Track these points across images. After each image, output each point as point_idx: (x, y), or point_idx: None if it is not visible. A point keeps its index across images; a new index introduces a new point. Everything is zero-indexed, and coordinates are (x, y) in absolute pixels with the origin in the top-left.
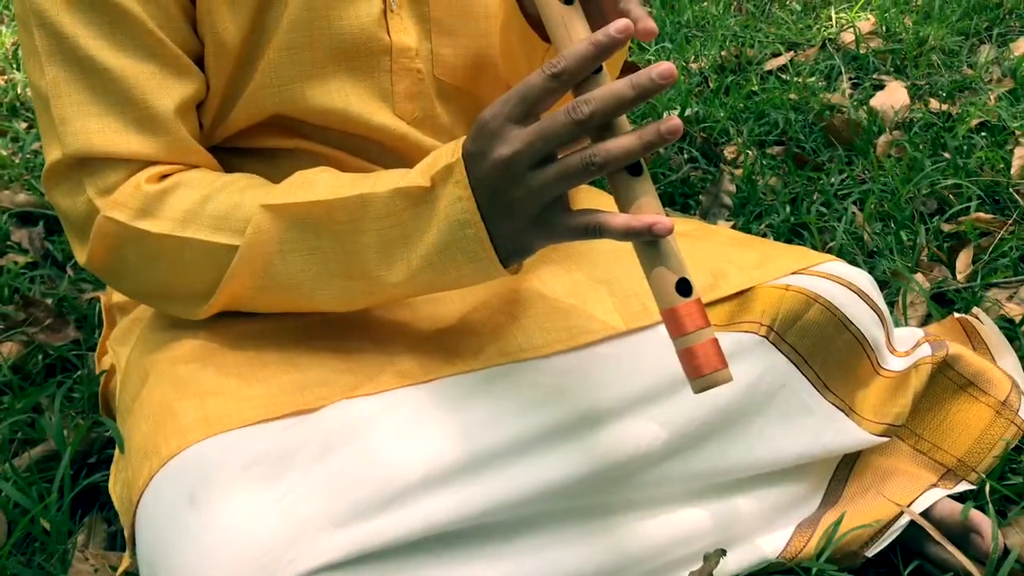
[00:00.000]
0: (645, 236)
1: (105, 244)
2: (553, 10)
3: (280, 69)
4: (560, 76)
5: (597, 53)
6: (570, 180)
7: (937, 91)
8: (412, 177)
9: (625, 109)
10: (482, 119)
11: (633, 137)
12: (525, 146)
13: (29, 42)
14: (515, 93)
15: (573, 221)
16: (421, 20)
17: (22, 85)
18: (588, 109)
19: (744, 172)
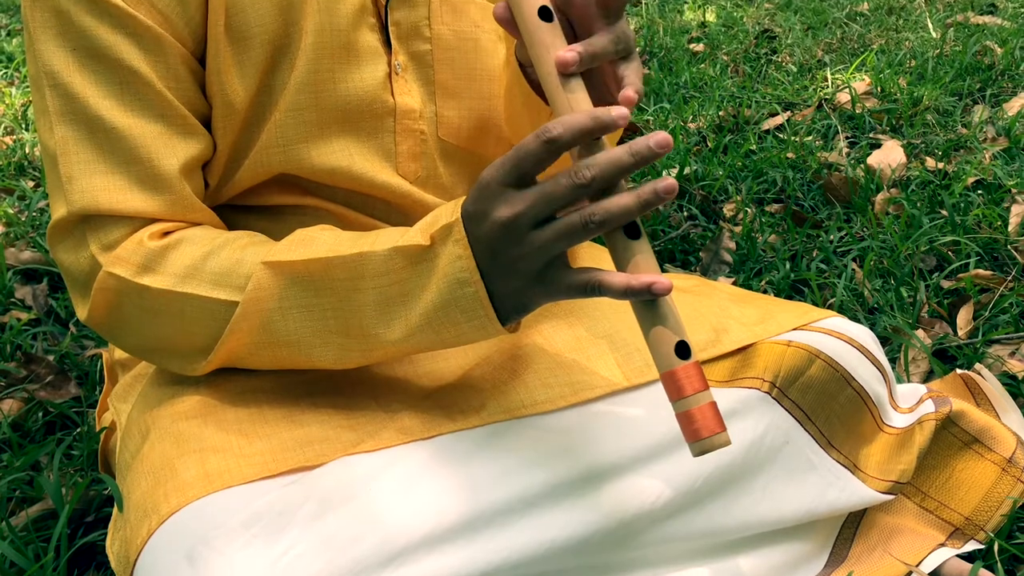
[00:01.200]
0: (644, 295)
1: (106, 299)
2: (552, 79)
3: (286, 130)
4: (555, 143)
5: (595, 128)
6: (570, 239)
7: (933, 150)
8: (411, 236)
9: (624, 175)
10: (482, 180)
11: (631, 196)
12: (527, 207)
13: (41, 102)
14: (511, 157)
15: (573, 279)
16: (426, 83)
17: (30, 145)
18: (589, 174)
19: (743, 229)
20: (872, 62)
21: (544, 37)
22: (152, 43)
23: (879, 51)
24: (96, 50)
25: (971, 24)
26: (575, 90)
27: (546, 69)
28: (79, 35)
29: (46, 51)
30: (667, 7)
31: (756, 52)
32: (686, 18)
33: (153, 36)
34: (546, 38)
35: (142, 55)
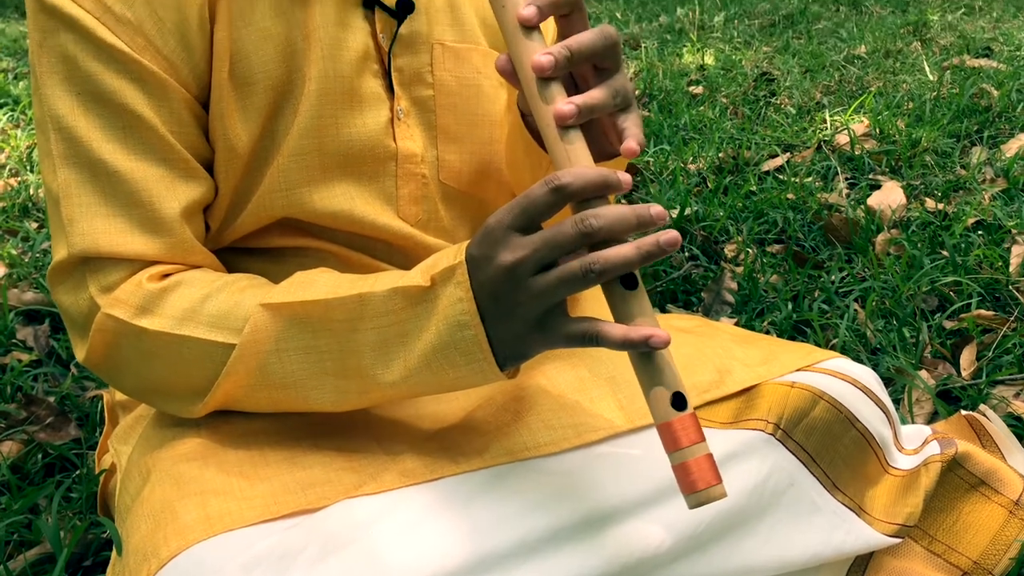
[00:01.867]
0: (642, 347)
1: (104, 341)
2: (551, 130)
3: (289, 174)
4: (562, 191)
5: (600, 183)
6: (569, 287)
7: (932, 191)
8: (411, 277)
9: (628, 232)
10: (488, 226)
11: (631, 248)
12: (530, 253)
13: (45, 145)
14: (518, 203)
15: (571, 328)
16: (427, 128)
17: (34, 186)
18: (596, 224)
19: (745, 270)
20: (870, 104)
21: (544, 89)
22: (156, 88)
23: (877, 93)
24: (101, 94)
25: (967, 67)
26: (574, 141)
27: (545, 120)
28: (85, 80)
29: (52, 95)
30: (666, 51)
31: (755, 95)
32: (685, 61)
33: (158, 81)
34: (546, 90)
35: (146, 99)
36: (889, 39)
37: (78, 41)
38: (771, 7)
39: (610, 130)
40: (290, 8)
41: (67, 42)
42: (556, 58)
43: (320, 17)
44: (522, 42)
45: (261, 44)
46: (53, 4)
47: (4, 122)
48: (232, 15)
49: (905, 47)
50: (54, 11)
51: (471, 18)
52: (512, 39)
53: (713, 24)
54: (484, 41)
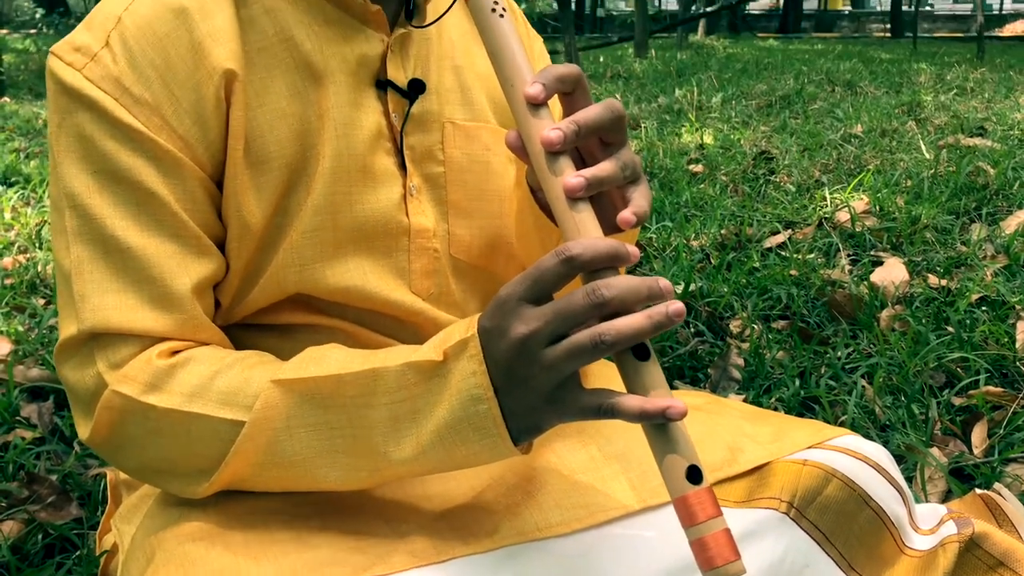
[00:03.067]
0: (658, 419)
1: (110, 418)
2: (560, 203)
3: (302, 250)
4: (573, 262)
5: (610, 254)
6: (580, 359)
7: (934, 267)
8: (424, 351)
9: (639, 303)
10: (499, 298)
11: (642, 318)
12: (542, 324)
13: (60, 222)
14: (529, 275)
15: (585, 401)
16: (439, 203)
17: (43, 263)
18: (607, 294)
19: (751, 346)
20: (869, 182)
21: (552, 163)
22: (171, 166)
23: (875, 171)
24: (116, 172)
25: (962, 146)
26: (582, 211)
27: (555, 193)
28: (101, 158)
29: (68, 174)
30: (665, 130)
31: (754, 173)
32: (684, 140)
33: (172, 160)
34: (553, 164)
35: (161, 177)
36: (884, 119)
37: (95, 120)
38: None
39: (619, 202)
40: (304, 89)
41: (85, 122)
42: (564, 133)
43: (334, 97)
44: (530, 119)
45: (276, 124)
46: (73, 85)
47: (15, 200)
48: (248, 96)
49: (900, 126)
50: (73, 92)
51: (480, 97)
52: (520, 116)
53: (711, 105)
54: (493, 119)
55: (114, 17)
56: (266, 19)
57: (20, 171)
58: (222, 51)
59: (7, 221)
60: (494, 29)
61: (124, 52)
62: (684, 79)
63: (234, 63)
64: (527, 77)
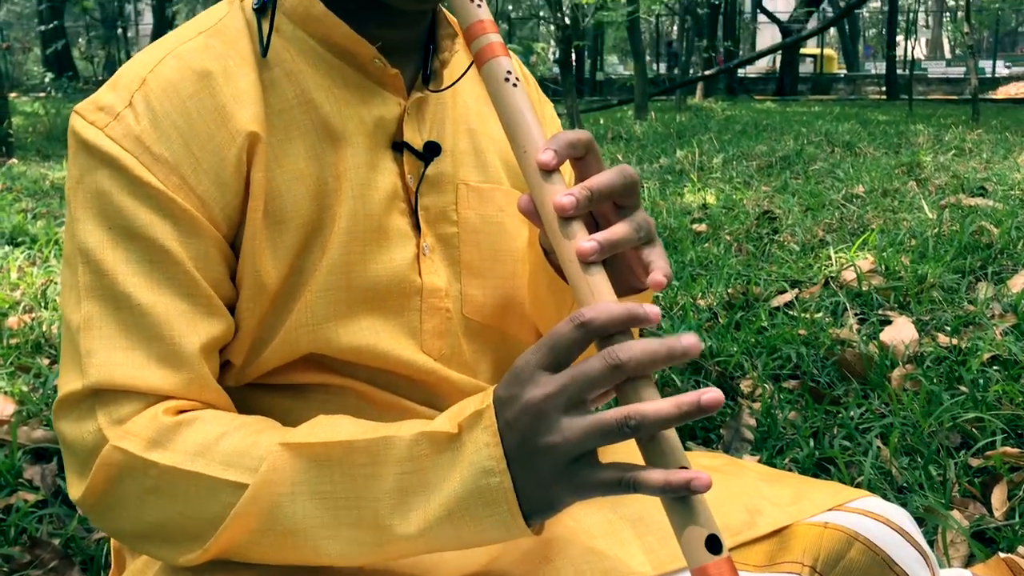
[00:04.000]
0: (682, 492)
1: (107, 476)
2: (573, 266)
3: (316, 310)
4: (587, 326)
5: (627, 318)
6: (602, 438)
7: (943, 326)
8: (438, 423)
9: (658, 366)
10: (515, 367)
11: (671, 405)
12: (558, 389)
13: (72, 278)
14: (544, 342)
15: (604, 475)
16: (452, 263)
17: (48, 323)
18: (624, 357)
19: (762, 406)
20: (873, 241)
21: (565, 227)
22: (187, 225)
23: (879, 231)
24: (132, 229)
25: (964, 205)
26: (595, 275)
27: (568, 257)
28: (117, 214)
29: (84, 230)
30: (668, 190)
31: (758, 232)
32: (687, 200)
33: (189, 219)
34: (566, 228)
35: (176, 236)
36: (885, 179)
37: (114, 177)
38: (767, 149)
39: (636, 264)
40: (323, 150)
41: (103, 179)
42: (577, 199)
43: (351, 158)
44: (542, 184)
45: (294, 184)
46: (94, 143)
47: (21, 260)
48: (268, 157)
49: (902, 186)
50: (94, 150)
51: (494, 159)
52: (533, 181)
53: (712, 165)
54: (507, 181)
55: (139, 78)
56: (287, 82)
57: (27, 231)
58: (245, 114)
59: (13, 281)
60: (507, 98)
61: (147, 112)
62: (684, 140)
63: (256, 125)
64: (539, 144)
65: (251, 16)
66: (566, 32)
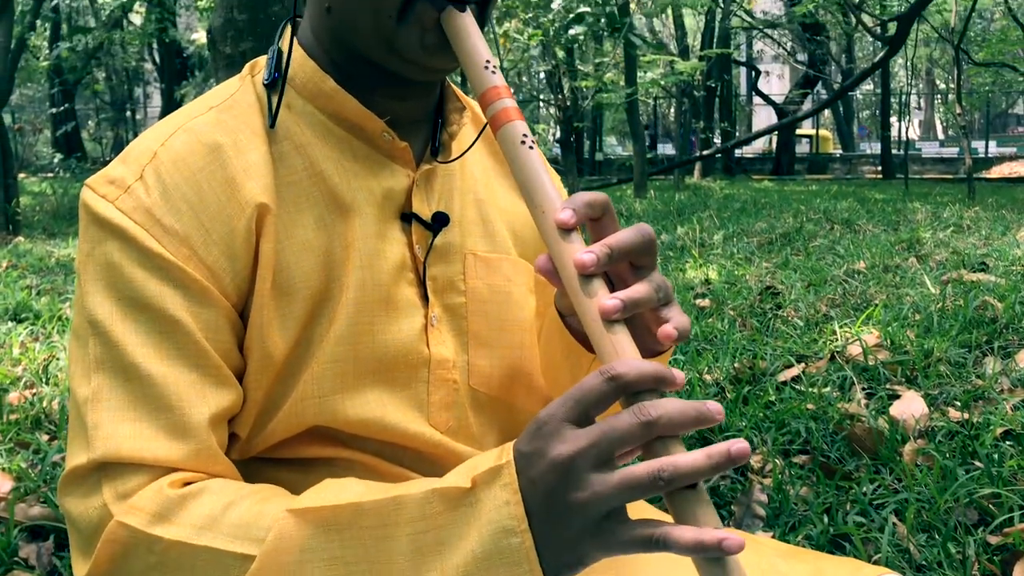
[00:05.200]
0: (714, 552)
1: (111, 554)
2: (596, 325)
3: (323, 381)
4: (618, 379)
5: (656, 379)
6: (634, 493)
7: (952, 400)
8: (450, 479)
9: (688, 426)
10: (538, 420)
11: (702, 457)
12: (588, 445)
13: (81, 351)
14: (571, 395)
15: (634, 533)
16: (459, 333)
17: (48, 399)
18: (656, 413)
19: (774, 482)
20: (878, 316)
21: (584, 285)
22: (198, 295)
23: (883, 305)
24: (142, 300)
25: (966, 281)
26: (619, 333)
27: (590, 316)
28: (127, 285)
29: (94, 302)
30: (670, 266)
31: (761, 307)
32: (689, 276)
33: (199, 289)
34: (586, 286)
35: (186, 306)
36: (886, 255)
37: (124, 249)
38: (767, 226)
39: (654, 326)
40: (332, 221)
41: (114, 251)
42: (597, 256)
43: (360, 229)
44: (561, 243)
45: (303, 255)
46: (104, 216)
47: (24, 335)
48: (278, 228)
49: (902, 262)
50: (105, 223)
51: (501, 230)
52: (551, 241)
53: (713, 242)
54: (514, 251)
55: (150, 152)
56: (297, 155)
57: (30, 307)
58: (254, 185)
59: (15, 356)
60: (523, 160)
61: (158, 185)
62: (684, 217)
63: (266, 197)
64: (556, 204)
65: (262, 92)
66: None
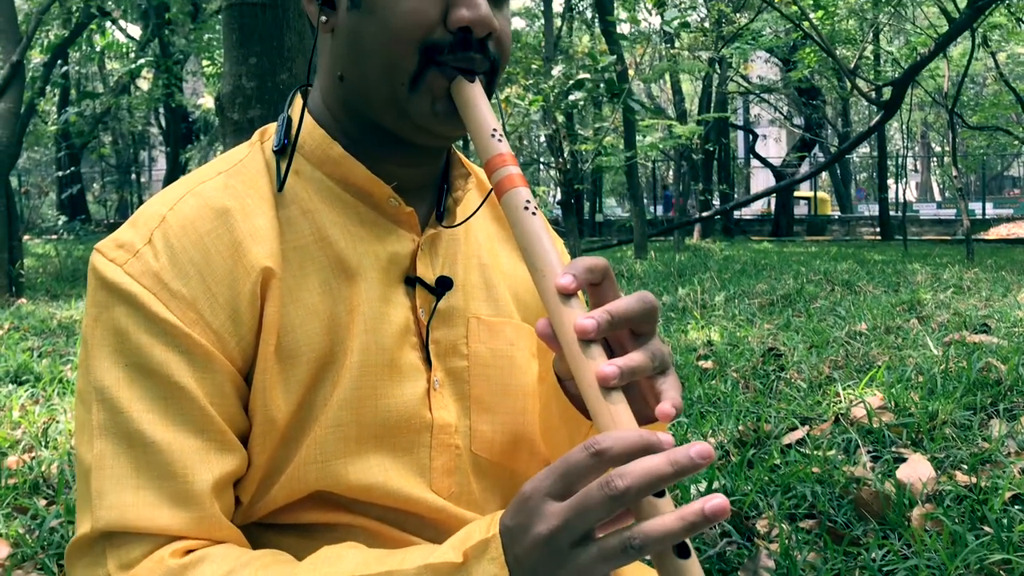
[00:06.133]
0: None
1: None
2: (593, 391)
3: (325, 446)
4: (602, 455)
5: (643, 446)
6: (611, 563)
7: (959, 464)
8: (442, 552)
9: (661, 486)
10: (523, 493)
11: (674, 519)
12: (562, 523)
13: (85, 416)
14: (556, 468)
15: None
16: (461, 398)
17: (47, 463)
18: (623, 484)
19: (780, 547)
20: (881, 378)
21: (584, 351)
22: (202, 359)
23: (886, 367)
24: (147, 366)
25: (968, 342)
26: (616, 402)
27: (587, 382)
28: (134, 351)
29: (99, 367)
30: (672, 327)
31: (764, 369)
32: (691, 337)
33: (204, 353)
34: (585, 352)
35: (191, 371)
36: (887, 316)
37: (132, 314)
38: (768, 288)
39: (648, 394)
40: (337, 285)
41: (121, 315)
42: (598, 322)
43: (365, 293)
44: (561, 308)
45: (308, 319)
46: (113, 280)
47: (24, 398)
48: (283, 292)
49: (904, 324)
50: (113, 287)
51: (504, 294)
52: (552, 305)
53: (714, 303)
54: (517, 315)
55: (159, 216)
56: (303, 220)
57: (31, 369)
58: (261, 250)
59: (15, 420)
60: (526, 225)
61: (166, 249)
62: (685, 279)
63: (272, 261)
64: (557, 269)
65: (270, 157)
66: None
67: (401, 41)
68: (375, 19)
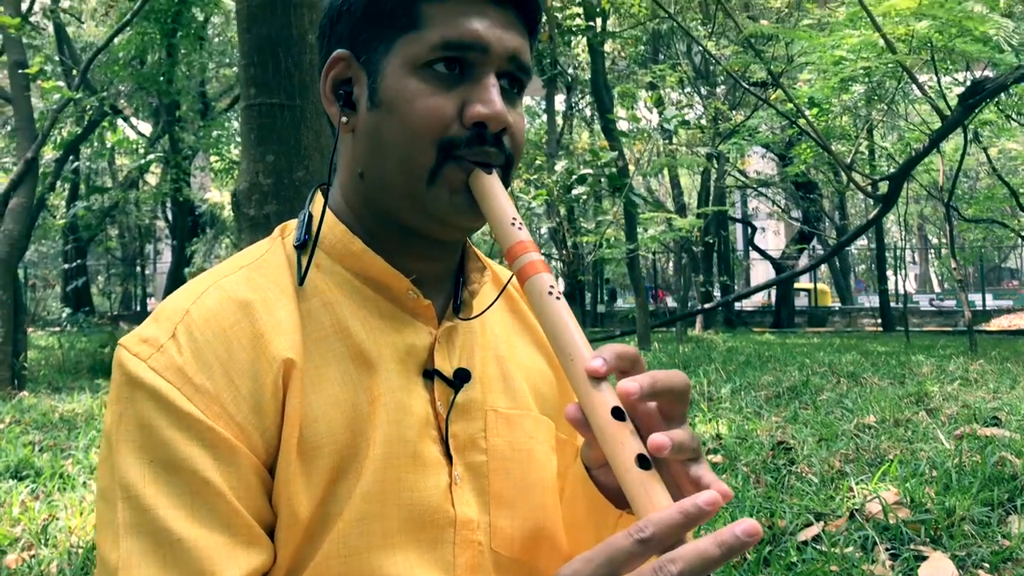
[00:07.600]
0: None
1: None
2: (631, 475)
3: (349, 540)
4: (648, 542)
5: (686, 522)
6: None
7: (981, 562)
8: None
9: (711, 570)
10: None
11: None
12: None
13: (109, 515)
14: (600, 554)
15: None
16: (481, 494)
17: (47, 561)
18: (675, 569)
19: None
20: (894, 472)
21: (617, 434)
22: (227, 453)
23: (898, 461)
24: (173, 462)
25: (980, 436)
26: (653, 482)
27: (624, 466)
28: (159, 447)
29: (124, 464)
30: None
31: (775, 463)
32: (699, 430)
33: (229, 447)
34: (619, 435)
35: (216, 465)
36: (895, 409)
37: (157, 409)
38: (774, 380)
39: (685, 480)
40: (358, 376)
41: (146, 411)
42: (641, 385)
43: (385, 383)
44: (592, 392)
45: (329, 410)
46: (137, 375)
47: (24, 494)
48: (304, 384)
49: (913, 416)
50: (137, 382)
51: (522, 386)
52: (582, 389)
53: (721, 395)
54: (535, 407)
55: (182, 310)
56: (324, 312)
57: (32, 464)
58: (282, 342)
59: (14, 516)
60: (550, 309)
61: (189, 343)
62: (691, 370)
63: (293, 353)
64: (584, 352)
65: (291, 252)
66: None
67: (419, 138)
68: (394, 118)
